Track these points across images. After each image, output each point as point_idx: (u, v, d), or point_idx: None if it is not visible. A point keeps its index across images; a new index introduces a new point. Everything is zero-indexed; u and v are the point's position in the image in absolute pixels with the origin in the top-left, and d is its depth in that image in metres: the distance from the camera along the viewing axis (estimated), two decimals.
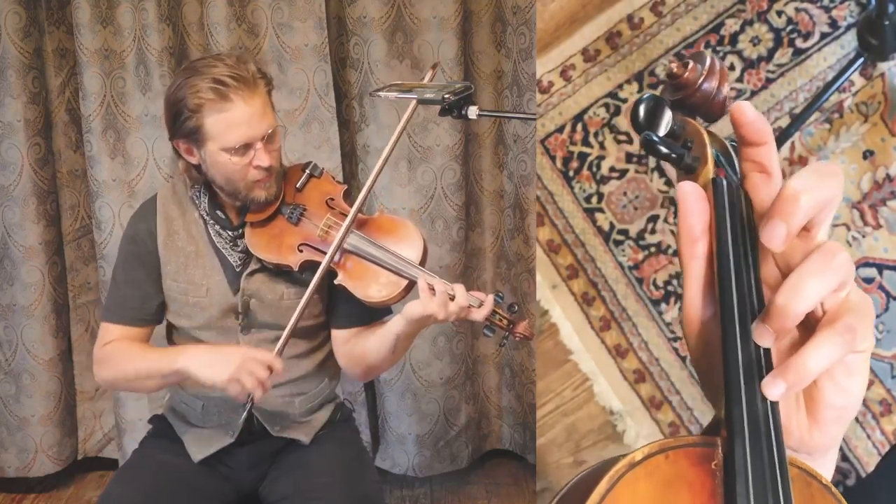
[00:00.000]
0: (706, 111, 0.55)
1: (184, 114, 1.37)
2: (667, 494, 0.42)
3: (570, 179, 1.60)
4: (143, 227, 1.51)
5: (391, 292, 1.41)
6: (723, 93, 0.54)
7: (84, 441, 2.51)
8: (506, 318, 1.39)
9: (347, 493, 1.45)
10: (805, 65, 1.51)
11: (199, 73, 1.36)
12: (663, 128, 0.53)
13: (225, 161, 1.39)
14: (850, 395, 0.45)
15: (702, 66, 0.53)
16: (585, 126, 1.59)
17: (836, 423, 0.46)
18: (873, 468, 1.45)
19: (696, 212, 0.47)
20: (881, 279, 1.50)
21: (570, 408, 1.64)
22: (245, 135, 1.37)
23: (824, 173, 0.42)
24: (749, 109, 0.46)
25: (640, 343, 1.61)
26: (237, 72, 1.36)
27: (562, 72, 1.59)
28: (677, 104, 0.54)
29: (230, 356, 1.36)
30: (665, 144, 0.51)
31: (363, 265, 1.42)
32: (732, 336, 0.44)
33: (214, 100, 1.35)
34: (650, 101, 0.53)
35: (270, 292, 1.49)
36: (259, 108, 1.38)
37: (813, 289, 0.41)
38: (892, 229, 1.49)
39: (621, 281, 1.60)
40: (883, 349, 1.51)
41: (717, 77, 0.53)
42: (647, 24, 1.55)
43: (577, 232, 1.61)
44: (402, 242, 1.43)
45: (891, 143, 1.49)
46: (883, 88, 1.48)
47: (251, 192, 1.43)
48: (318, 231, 1.45)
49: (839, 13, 1.49)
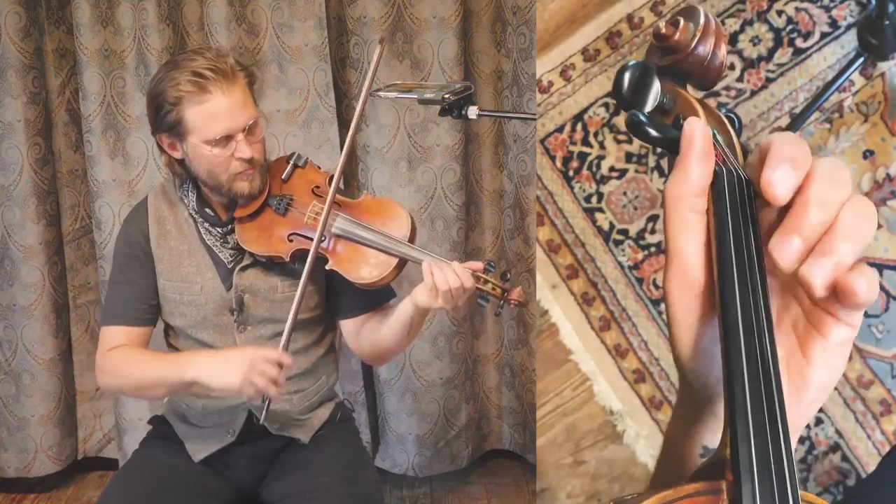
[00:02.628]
0: (700, 78, 0.48)
1: (164, 107, 1.38)
2: None
3: (570, 179, 1.60)
4: (136, 228, 1.52)
5: (382, 272, 1.41)
6: (719, 56, 0.47)
7: (84, 441, 2.51)
8: (499, 286, 1.39)
9: (347, 493, 1.45)
10: (805, 65, 1.51)
11: (178, 67, 1.38)
12: (651, 101, 0.46)
13: (207, 154, 1.40)
14: (834, 373, 0.44)
15: (695, 26, 0.46)
16: (585, 126, 1.59)
17: (813, 404, 0.45)
18: (873, 468, 1.45)
19: (703, 158, 0.43)
20: (881, 279, 1.50)
21: (570, 408, 1.64)
22: (225, 126, 1.38)
23: (837, 180, 0.40)
24: (781, 191, 0.40)
25: (640, 343, 1.61)
26: (216, 64, 1.38)
27: (562, 72, 1.59)
28: (666, 71, 0.47)
29: (238, 359, 1.36)
30: (654, 126, 0.44)
31: (352, 247, 1.43)
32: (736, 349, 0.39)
33: (193, 92, 1.36)
34: (636, 70, 0.46)
35: (264, 286, 1.49)
36: (239, 100, 1.39)
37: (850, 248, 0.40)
38: (892, 229, 1.49)
39: (621, 281, 1.60)
40: (883, 349, 1.51)
41: (713, 37, 0.46)
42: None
43: (577, 232, 1.61)
44: (389, 222, 1.44)
45: (891, 143, 1.49)
46: (883, 88, 1.48)
47: (234, 184, 1.43)
48: (306, 219, 1.45)
49: (839, 13, 1.49)
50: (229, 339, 1.51)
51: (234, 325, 1.50)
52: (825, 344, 0.42)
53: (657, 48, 0.48)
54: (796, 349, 0.44)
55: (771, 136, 0.41)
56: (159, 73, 1.42)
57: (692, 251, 0.43)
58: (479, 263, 1.38)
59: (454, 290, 1.33)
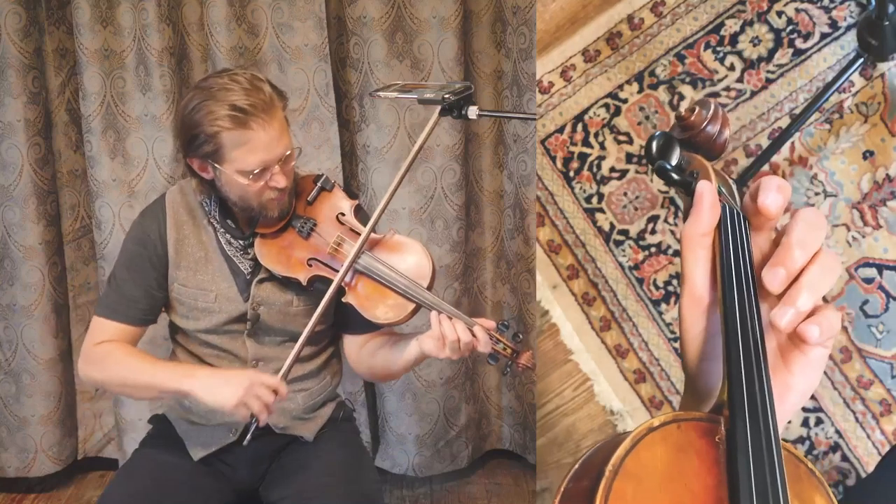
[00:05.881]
0: (708, 150, 0.64)
1: (200, 138, 1.35)
2: (679, 457, 0.49)
3: (571, 180, 1.60)
4: (154, 229, 1.50)
5: (398, 315, 1.40)
6: (724, 136, 0.63)
7: (84, 441, 2.51)
8: (510, 347, 1.39)
9: (347, 493, 1.45)
10: (805, 65, 1.51)
11: (215, 99, 1.34)
12: (673, 161, 0.62)
13: (241, 182, 1.38)
14: (811, 383, 0.55)
15: (706, 112, 0.62)
16: (586, 126, 1.59)
17: (794, 408, 0.55)
18: (873, 468, 1.46)
19: (711, 210, 0.56)
20: (881, 279, 1.50)
21: (570, 408, 1.64)
22: (262, 160, 1.36)
23: (816, 226, 0.52)
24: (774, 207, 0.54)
25: (640, 343, 1.61)
26: (255, 98, 1.34)
27: (562, 72, 1.59)
28: (685, 143, 0.63)
29: (237, 381, 1.35)
30: (676, 171, 0.61)
31: (372, 285, 1.42)
32: (734, 331, 0.52)
33: (233, 128, 1.33)
34: (661, 138, 0.63)
35: (280, 300, 1.49)
36: (277, 133, 1.37)
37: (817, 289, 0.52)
38: (892, 229, 1.49)
39: (621, 281, 1.60)
40: (883, 349, 1.51)
41: (720, 121, 0.63)
42: (648, 24, 1.55)
43: (577, 232, 1.61)
44: (412, 265, 1.42)
45: (891, 144, 1.49)
46: (883, 89, 1.48)
47: (265, 209, 1.43)
48: (329, 248, 1.44)
49: (839, 13, 1.49)
50: (239, 343, 1.51)
51: (246, 333, 1.51)
52: (804, 359, 0.54)
53: (678, 126, 0.64)
54: (780, 361, 0.55)
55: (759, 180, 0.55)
56: (194, 101, 1.36)
57: (700, 277, 0.57)
58: (492, 322, 1.38)
59: (463, 344, 1.34)
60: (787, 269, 0.51)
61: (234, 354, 1.52)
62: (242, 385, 1.34)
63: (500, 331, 1.39)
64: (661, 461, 0.48)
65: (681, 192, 0.61)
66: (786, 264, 0.52)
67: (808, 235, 0.52)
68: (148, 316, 1.52)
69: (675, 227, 1.58)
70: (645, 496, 0.47)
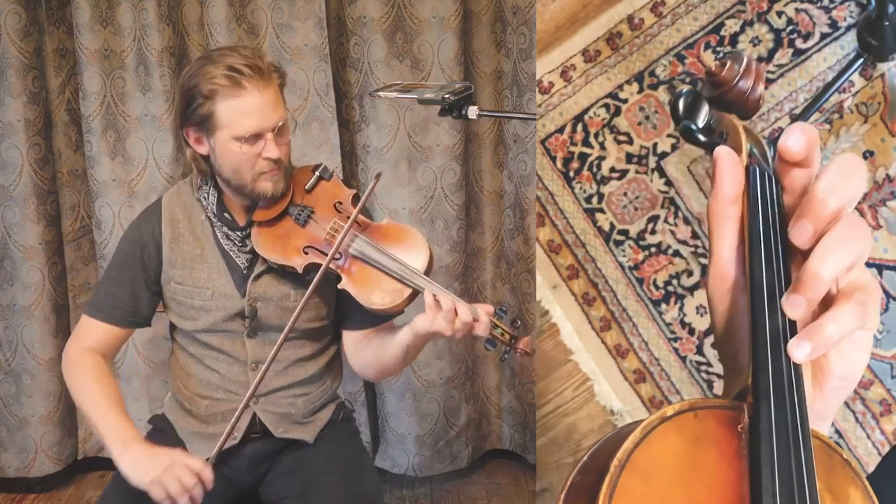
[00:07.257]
0: (741, 108, 0.57)
1: (196, 100, 1.38)
2: (695, 449, 0.45)
3: (571, 180, 1.61)
4: (148, 230, 1.50)
5: (394, 300, 1.40)
6: (757, 91, 0.57)
7: (84, 441, 2.51)
8: (508, 332, 1.39)
9: (347, 493, 1.45)
10: (805, 65, 1.51)
11: (213, 62, 1.38)
12: (701, 121, 0.57)
13: (235, 150, 1.39)
14: (855, 367, 0.49)
15: (738, 66, 0.56)
16: (586, 126, 1.59)
17: (837, 392, 0.50)
18: (873, 468, 1.46)
19: (731, 174, 0.50)
20: (881, 279, 1.50)
21: (570, 408, 1.64)
22: (256, 124, 1.38)
23: (850, 171, 0.45)
24: (795, 147, 0.48)
25: (640, 343, 1.61)
26: (252, 61, 1.38)
27: (562, 72, 1.59)
28: (714, 101, 0.58)
29: (160, 460, 1.34)
30: (704, 132, 0.56)
31: (368, 271, 1.42)
32: (761, 309, 0.47)
33: (228, 86, 1.36)
34: (689, 96, 0.57)
35: (276, 293, 1.49)
36: (272, 99, 1.39)
37: (840, 254, 0.44)
38: (892, 229, 1.49)
39: (622, 281, 1.60)
40: (883, 349, 1.51)
41: (753, 76, 0.56)
42: (648, 24, 1.55)
43: (577, 232, 1.61)
44: (408, 251, 1.42)
45: (891, 144, 1.49)
46: (883, 89, 1.48)
47: (258, 183, 1.43)
48: (325, 234, 1.45)
49: (839, 13, 1.49)
50: (238, 344, 1.51)
51: (244, 332, 1.50)
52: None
53: (707, 82, 0.58)
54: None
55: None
56: (193, 67, 1.41)
57: (727, 251, 0.51)
58: (490, 307, 1.38)
59: (461, 322, 1.32)
60: (815, 223, 0.45)
61: (233, 356, 1.51)
62: (162, 464, 1.32)
63: (498, 316, 1.38)
64: (675, 454, 0.44)
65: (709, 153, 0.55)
66: (814, 218, 0.45)
67: (839, 181, 0.45)
68: (132, 318, 1.52)
69: (675, 227, 1.58)
70: (655, 492, 0.43)
